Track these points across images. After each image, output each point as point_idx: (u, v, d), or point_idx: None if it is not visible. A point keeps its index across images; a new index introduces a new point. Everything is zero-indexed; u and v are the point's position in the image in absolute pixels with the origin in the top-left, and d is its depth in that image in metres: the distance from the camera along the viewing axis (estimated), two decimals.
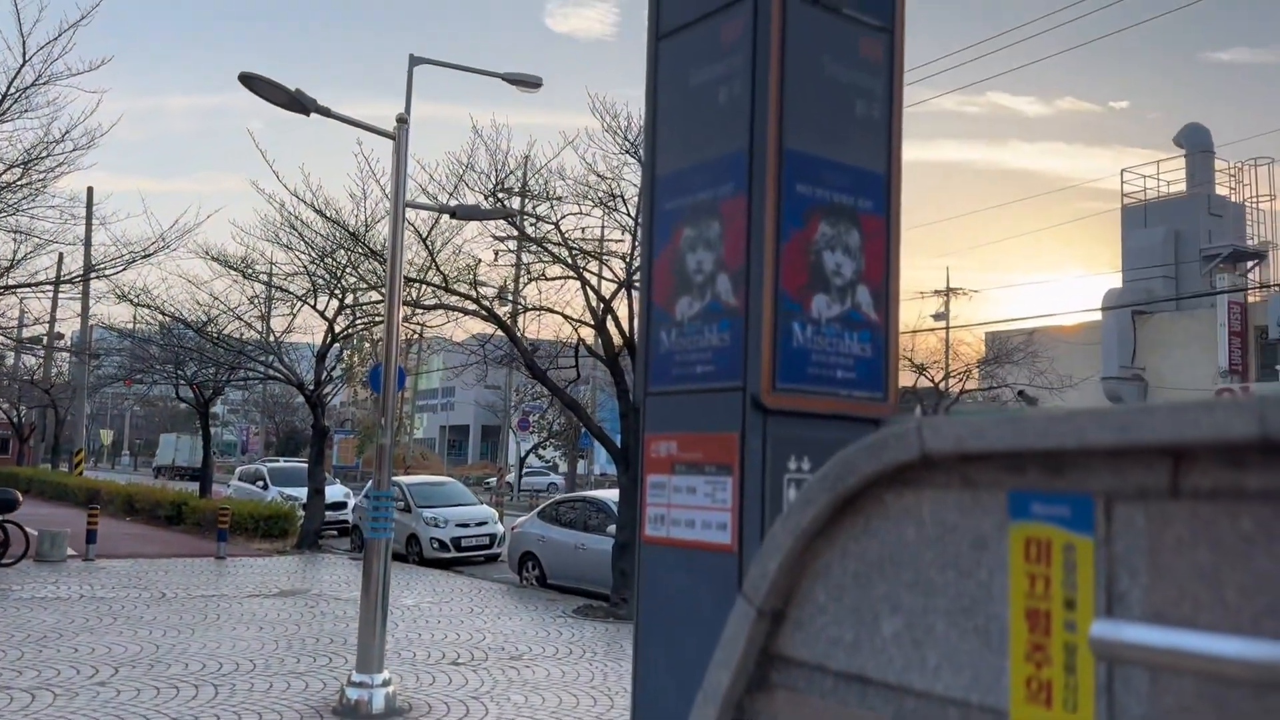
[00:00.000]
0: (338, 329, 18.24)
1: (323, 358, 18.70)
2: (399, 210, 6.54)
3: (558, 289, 13.49)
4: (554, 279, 12.97)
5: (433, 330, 18.86)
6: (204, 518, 20.19)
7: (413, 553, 17.68)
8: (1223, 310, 27.76)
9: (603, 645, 10.12)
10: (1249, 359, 27.87)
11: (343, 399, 52.56)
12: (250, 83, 6.28)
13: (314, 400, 18.61)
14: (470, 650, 9.59)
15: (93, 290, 22.02)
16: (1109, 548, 0.94)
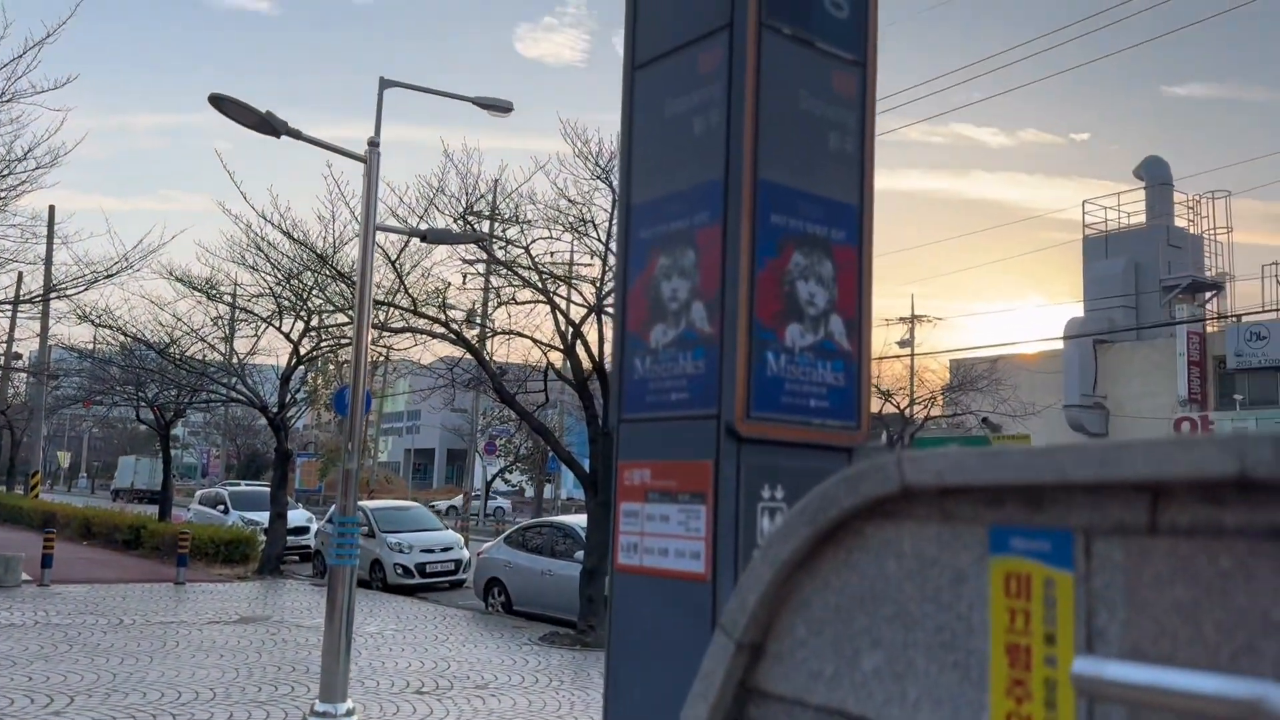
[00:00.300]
0: (303, 351, 18.08)
1: (287, 380, 18.51)
2: (369, 233, 6.52)
3: (527, 313, 13.43)
4: (524, 303, 12.95)
5: (399, 353, 18.75)
6: (163, 542, 19.84)
7: (376, 579, 17.46)
8: (1182, 340, 28.26)
9: (570, 674, 10.04)
10: (1208, 388, 28.35)
11: (306, 422, 52.03)
12: (220, 104, 6.24)
13: (277, 423, 18.39)
14: (435, 679, 9.47)
15: (53, 310, 21.68)
16: (1088, 583, 0.94)
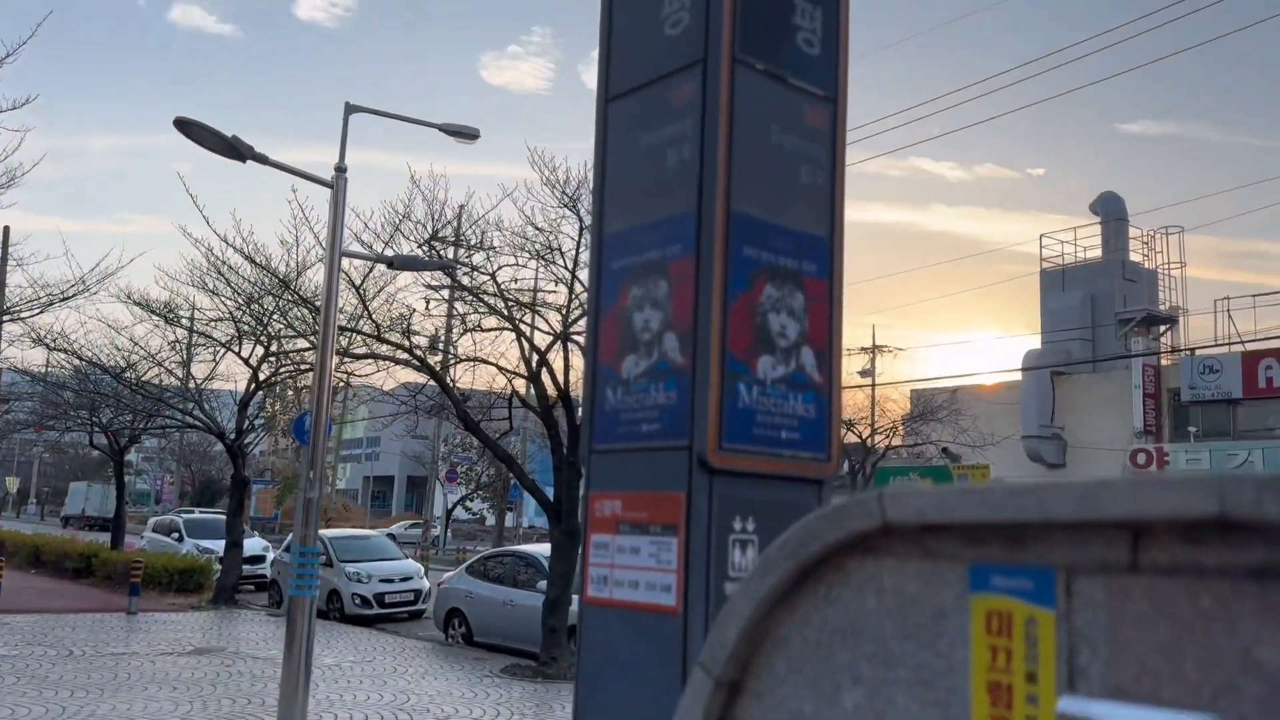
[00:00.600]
0: (262, 376, 17.86)
1: (245, 406, 18.26)
2: (335, 259, 6.47)
3: (493, 340, 13.38)
4: (489, 330, 12.91)
5: (360, 379, 18.58)
6: (115, 571, 19.43)
7: (334, 609, 17.19)
8: (1137, 372, 28.76)
9: (532, 706, 9.92)
10: (1163, 420, 28.84)
11: (263, 448, 51.27)
12: (186, 128, 6.18)
13: (235, 449, 18.12)
14: (394, 712, 9.31)
15: (6, 333, 21.24)
16: (1070, 622, 0.95)
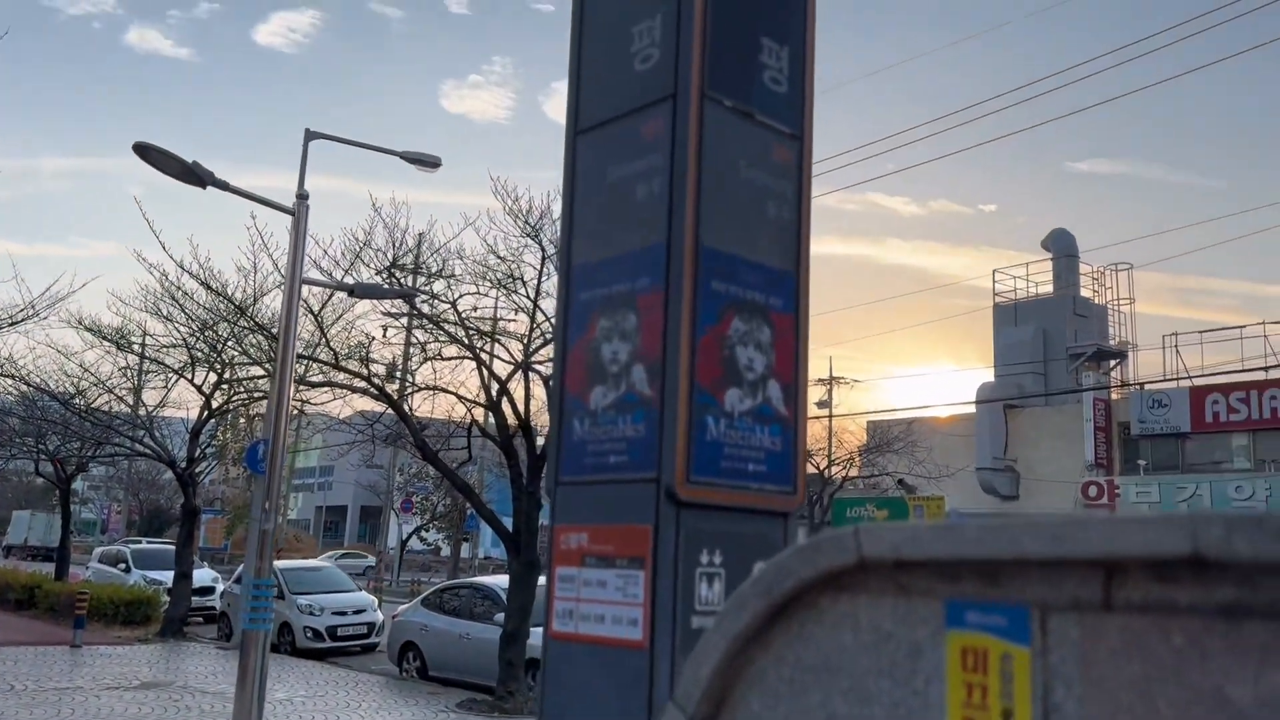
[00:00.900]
0: (215, 404, 17.57)
1: (197, 434, 17.94)
2: (295, 287, 6.40)
3: (453, 368, 13.28)
4: (450, 359, 12.82)
5: (315, 407, 18.35)
6: (60, 602, 18.91)
7: (285, 642, 16.85)
8: (1088, 406, 29.25)
9: None
10: (1113, 453, 29.33)
11: (213, 477, 50.35)
12: (146, 153, 6.09)
13: (186, 478, 17.78)
14: None
15: None
16: (1045, 658, 0.95)
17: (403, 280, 12.86)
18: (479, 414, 13.05)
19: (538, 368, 11.63)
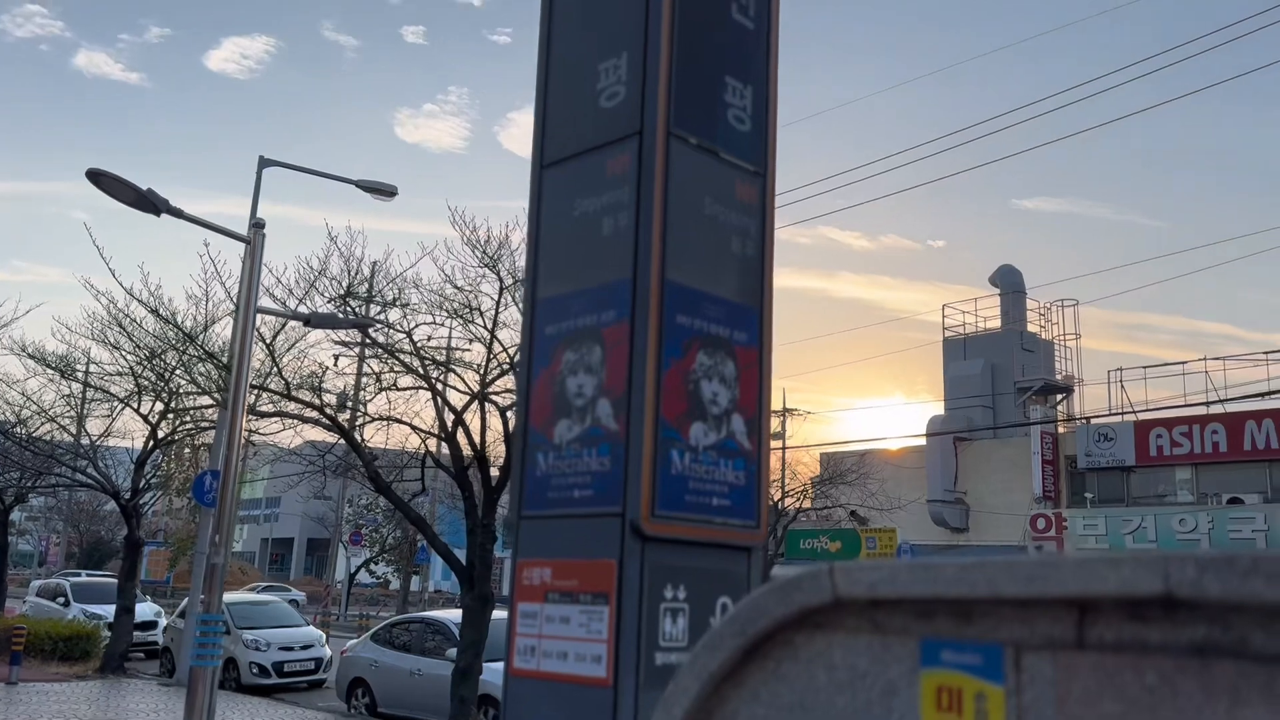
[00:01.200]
0: (161, 433, 17.22)
1: (142, 464, 17.56)
2: (249, 315, 6.32)
3: (407, 399, 13.14)
4: (405, 389, 12.70)
5: (264, 437, 18.05)
6: None
7: (229, 678, 16.45)
8: (1036, 440, 29.71)
9: None
10: (1061, 486, 29.78)
11: (156, 509, 49.24)
12: (98, 179, 5.98)
13: (129, 509, 17.37)
14: None
15: None
16: (1019, 697, 0.96)
17: (357, 309, 12.74)
18: (433, 445, 12.91)
19: (494, 398, 11.55)
